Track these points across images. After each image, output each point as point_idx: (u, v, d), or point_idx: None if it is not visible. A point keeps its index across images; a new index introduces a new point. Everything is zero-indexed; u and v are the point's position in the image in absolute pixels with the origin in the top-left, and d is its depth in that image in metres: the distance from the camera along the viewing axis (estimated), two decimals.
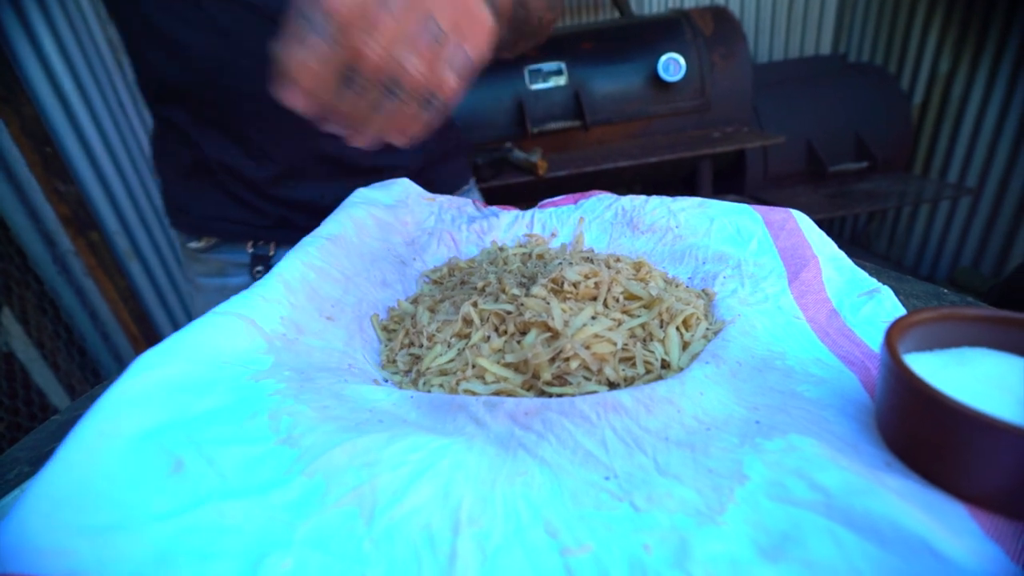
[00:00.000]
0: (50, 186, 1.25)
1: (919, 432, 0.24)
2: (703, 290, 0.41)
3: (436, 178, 0.69)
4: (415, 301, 0.43)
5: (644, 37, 1.91)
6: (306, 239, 0.45)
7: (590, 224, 0.53)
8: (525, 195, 2.17)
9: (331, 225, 0.47)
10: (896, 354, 0.25)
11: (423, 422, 0.29)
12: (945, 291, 0.41)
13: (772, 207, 0.50)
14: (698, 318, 0.35)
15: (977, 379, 0.26)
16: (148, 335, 1.47)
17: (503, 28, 0.47)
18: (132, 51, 0.56)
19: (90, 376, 1.51)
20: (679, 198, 0.55)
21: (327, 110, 0.29)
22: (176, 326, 1.90)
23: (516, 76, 1.81)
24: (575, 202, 0.57)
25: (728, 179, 2.13)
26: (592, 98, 1.84)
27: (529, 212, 0.56)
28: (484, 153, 1.62)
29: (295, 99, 0.28)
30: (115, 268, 1.40)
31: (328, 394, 0.31)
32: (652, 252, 0.48)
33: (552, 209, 0.56)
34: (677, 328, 0.34)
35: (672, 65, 1.80)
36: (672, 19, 1.96)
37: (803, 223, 0.46)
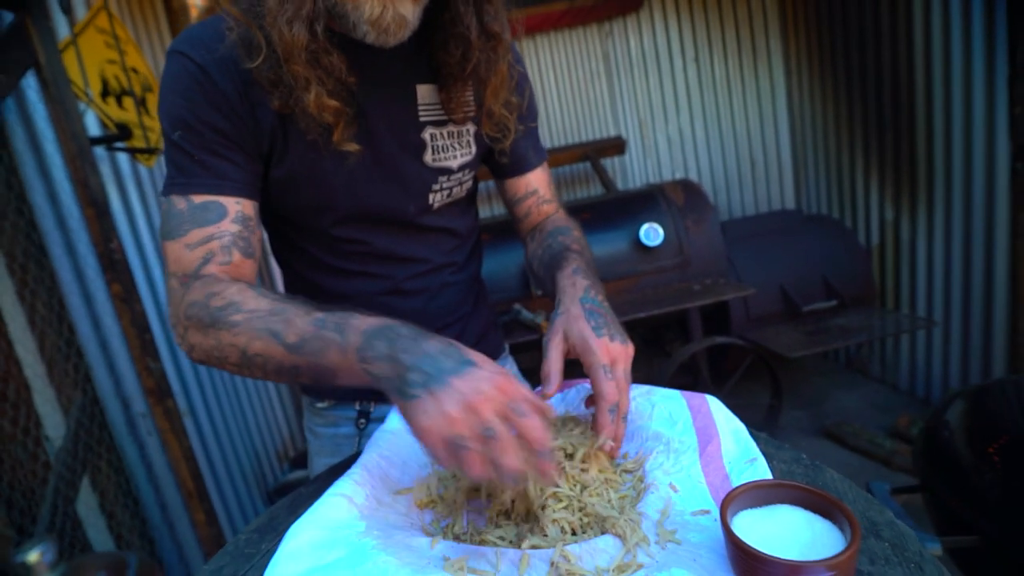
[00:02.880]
0: (143, 364, 1.53)
1: (742, 564, 0.43)
2: (635, 459, 0.61)
3: (480, 352, 0.92)
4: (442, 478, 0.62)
5: (627, 209, 2.31)
6: (378, 433, 0.67)
7: (573, 411, 0.74)
8: (533, 349, 2.42)
9: (393, 420, 0.69)
10: (724, 517, 0.45)
11: (459, 562, 0.49)
12: (803, 456, 0.61)
13: (694, 393, 0.71)
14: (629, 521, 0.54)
15: (778, 527, 0.45)
16: (201, 492, 1.65)
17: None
18: (291, 294, 0.82)
19: (138, 524, 1.65)
20: (635, 386, 0.77)
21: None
22: (218, 482, 2.05)
23: (520, 247, 2.17)
24: (561, 391, 0.78)
25: (716, 322, 2.37)
26: None
27: None
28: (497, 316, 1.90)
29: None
30: (181, 430, 1.63)
31: (403, 546, 0.50)
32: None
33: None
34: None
35: (652, 232, 2.15)
36: (649, 193, 2.38)
37: (713, 406, 0.68)
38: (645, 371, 3.07)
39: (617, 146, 2.87)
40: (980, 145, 2.10)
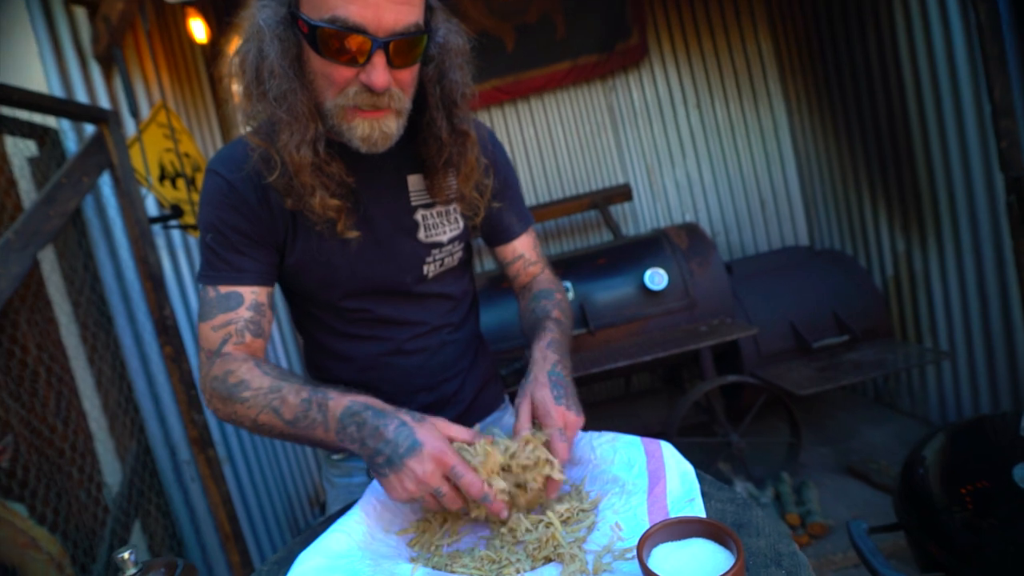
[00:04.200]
0: (189, 417, 1.71)
1: None
2: (592, 500, 0.71)
3: (480, 403, 1.01)
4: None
5: (632, 254, 2.41)
6: (375, 481, 0.80)
7: None
8: None
9: None
10: (640, 550, 0.54)
11: None
12: (738, 495, 0.69)
13: (651, 439, 0.80)
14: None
15: (688, 557, 0.55)
16: (236, 534, 1.78)
17: None
18: (309, 357, 0.96)
19: None
20: (603, 433, 0.86)
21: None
22: (253, 526, 2.19)
23: None
24: None
25: (727, 360, 2.41)
26: (595, 307, 2.27)
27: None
28: (507, 363, 2.02)
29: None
30: (220, 477, 1.78)
31: (388, 573, 0.62)
32: (579, 477, 0.79)
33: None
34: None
35: (656, 276, 2.25)
36: (654, 238, 2.48)
37: (666, 450, 0.77)
38: (665, 411, 3.09)
39: (624, 193, 3.00)
40: (979, 175, 2.13)
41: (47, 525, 1.31)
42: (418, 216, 0.86)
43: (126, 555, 0.40)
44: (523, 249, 1.01)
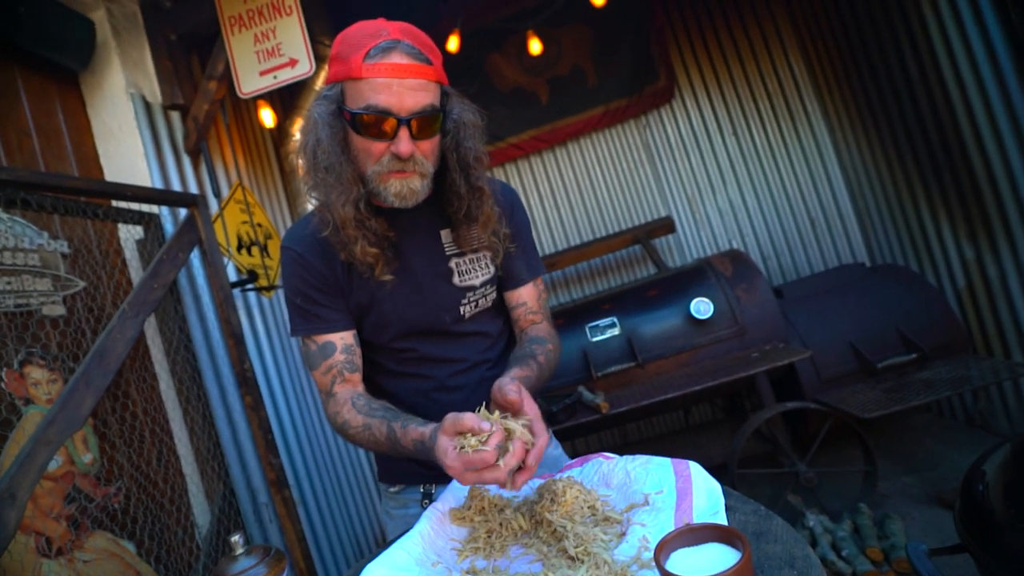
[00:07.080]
0: (267, 460, 1.88)
1: None
2: (622, 511, 0.76)
3: None
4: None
5: (676, 286, 2.43)
6: (430, 509, 0.88)
7: (584, 481, 0.89)
8: (594, 430, 2.48)
9: (441, 499, 0.90)
10: (658, 553, 0.59)
11: None
12: (760, 508, 0.72)
13: (681, 460, 0.85)
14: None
15: (702, 559, 0.59)
16: (311, 571, 1.90)
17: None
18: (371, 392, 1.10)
19: None
20: (637, 456, 0.91)
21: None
22: (324, 564, 2.31)
23: (580, 332, 2.36)
24: (580, 465, 0.94)
25: (787, 387, 2.33)
26: (642, 341, 2.29)
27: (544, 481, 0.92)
28: (558, 399, 2.06)
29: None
30: (296, 516, 1.92)
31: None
32: (613, 498, 0.84)
33: (564, 474, 0.92)
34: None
35: (702, 306, 2.24)
36: (698, 268, 2.49)
37: (693, 469, 0.81)
38: (727, 442, 2.97)
39: (666, 226, 3.04)
40: None
41: (151, 560, 1.48)
42: (452, 264, 0.99)
43: (236, 538, 0.51)
44: (527, 298, 1.09)
